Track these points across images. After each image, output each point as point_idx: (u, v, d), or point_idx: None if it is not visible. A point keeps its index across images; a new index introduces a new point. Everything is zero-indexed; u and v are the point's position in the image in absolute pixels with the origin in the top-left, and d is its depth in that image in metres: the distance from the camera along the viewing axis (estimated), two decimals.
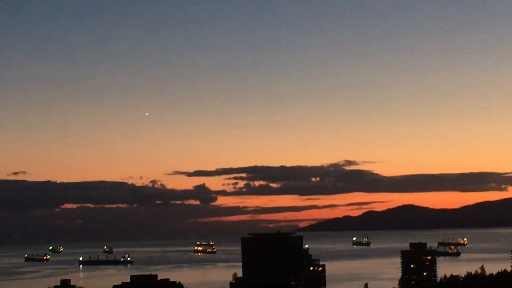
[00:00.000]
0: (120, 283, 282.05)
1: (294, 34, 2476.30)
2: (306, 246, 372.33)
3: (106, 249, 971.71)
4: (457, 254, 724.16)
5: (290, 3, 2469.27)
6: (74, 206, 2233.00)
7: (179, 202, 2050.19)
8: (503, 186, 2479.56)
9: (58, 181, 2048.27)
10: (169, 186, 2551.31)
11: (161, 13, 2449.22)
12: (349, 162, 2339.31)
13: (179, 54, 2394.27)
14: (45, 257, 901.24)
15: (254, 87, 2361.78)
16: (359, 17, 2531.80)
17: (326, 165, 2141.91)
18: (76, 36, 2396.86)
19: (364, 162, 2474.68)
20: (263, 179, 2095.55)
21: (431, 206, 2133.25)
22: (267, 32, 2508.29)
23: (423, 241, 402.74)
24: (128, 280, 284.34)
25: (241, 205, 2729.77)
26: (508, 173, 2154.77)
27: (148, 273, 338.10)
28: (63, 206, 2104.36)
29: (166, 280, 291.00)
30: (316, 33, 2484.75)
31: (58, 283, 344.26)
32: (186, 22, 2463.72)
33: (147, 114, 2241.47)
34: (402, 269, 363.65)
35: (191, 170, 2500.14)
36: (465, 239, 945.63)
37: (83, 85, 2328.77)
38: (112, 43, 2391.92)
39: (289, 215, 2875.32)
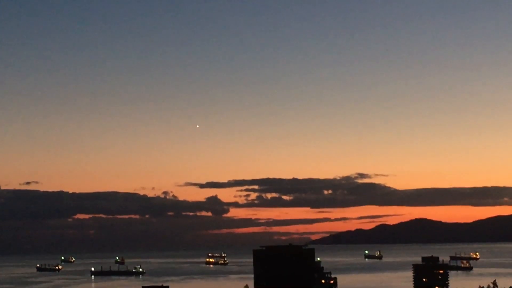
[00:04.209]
0: None
1: (307, 48, 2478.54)
2: (318, 258, 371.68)
3: (118, 260, 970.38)
4: (470, 268, 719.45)
5: (308, 13, 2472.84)
6: (86, 216, 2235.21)
7: (191, 213, 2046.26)
8: None
9: (71, 191, 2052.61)
10: (181, 197, 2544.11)
11: (171, 25, 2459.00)
12: (362, 175, 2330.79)
13: (191, 67, 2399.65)
14: (57, 267, 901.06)
15: (267, 100, 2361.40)
16: (375, 31, 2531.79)
17: (338, 178, 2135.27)
18: (93, 46, 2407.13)
19: (377, 175, 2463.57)
20: (275, 191, 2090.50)
21: (443, 220, 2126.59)
22: (280, 45, 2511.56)
23: (435, 255, 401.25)
24: None
25: (253, 217, 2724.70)
26: None
27: (160, 284, 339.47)
28: (76, 216, 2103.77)
29: None
30: (329, 48, 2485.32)
31: None
32: (205, 35, 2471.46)
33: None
34: (414, 283, 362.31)
35: (203, 182, 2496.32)
36: (477, 253, 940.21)
37: (95, 96, 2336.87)
38: (125, 53, 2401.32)
39: (301, 228, 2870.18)
